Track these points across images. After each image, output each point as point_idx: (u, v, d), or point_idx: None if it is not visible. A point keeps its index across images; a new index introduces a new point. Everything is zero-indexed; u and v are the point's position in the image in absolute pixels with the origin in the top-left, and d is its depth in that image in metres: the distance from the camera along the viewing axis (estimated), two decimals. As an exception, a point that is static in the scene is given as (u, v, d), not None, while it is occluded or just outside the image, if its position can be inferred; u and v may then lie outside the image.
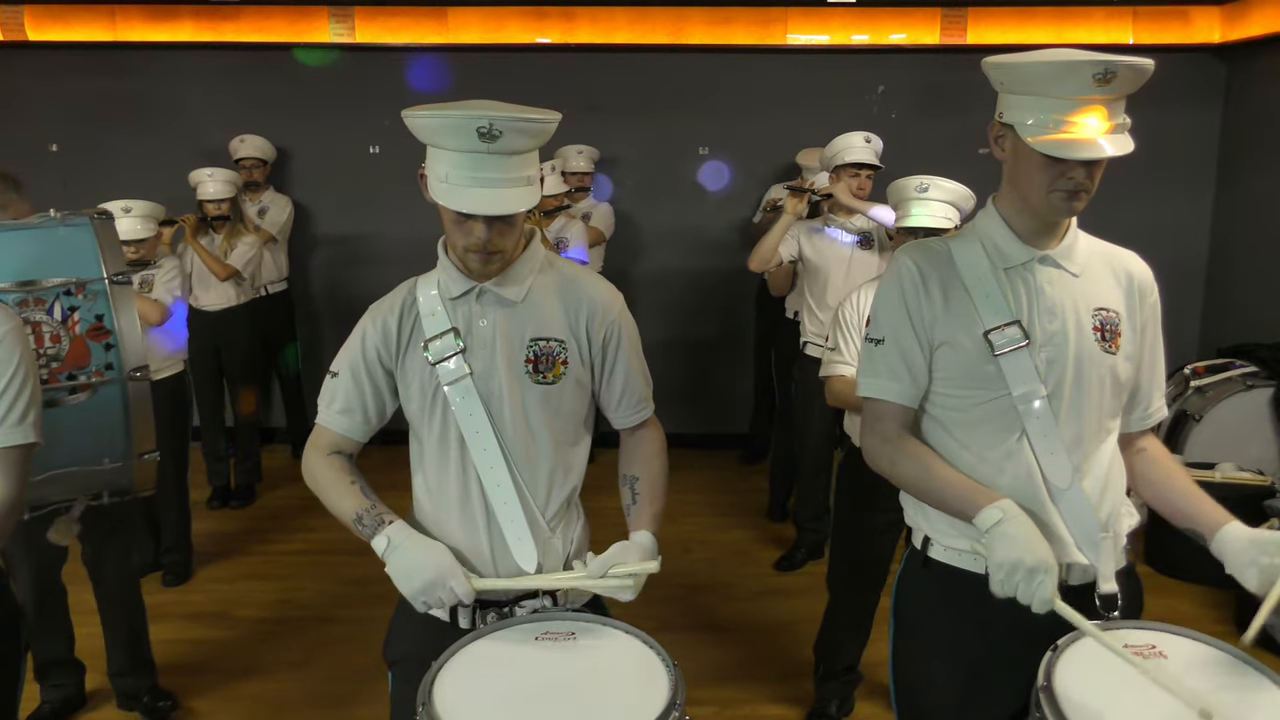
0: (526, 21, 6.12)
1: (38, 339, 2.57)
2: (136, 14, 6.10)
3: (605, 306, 1.96)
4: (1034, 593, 1.63)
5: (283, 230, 5.98)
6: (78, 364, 2.62)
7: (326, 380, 1.99)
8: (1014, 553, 1.65)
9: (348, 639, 3.97)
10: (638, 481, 2.02)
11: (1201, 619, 4.05)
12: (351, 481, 1.93)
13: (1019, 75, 1.74)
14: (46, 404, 2.53)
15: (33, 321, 2.58)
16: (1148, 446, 2.01)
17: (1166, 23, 5.99)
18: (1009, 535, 1.68)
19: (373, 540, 1.84)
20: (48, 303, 2.61)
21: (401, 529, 1.84)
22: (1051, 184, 1.74)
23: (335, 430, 1.98)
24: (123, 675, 3.44)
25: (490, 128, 1.68)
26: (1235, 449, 4.72)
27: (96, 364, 2.64)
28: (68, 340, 2.61)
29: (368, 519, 1.86)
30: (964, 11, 5.99)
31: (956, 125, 5.30)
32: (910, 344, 1.87)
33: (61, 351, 2.60)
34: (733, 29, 6.12)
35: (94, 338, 2.64)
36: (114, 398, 2.69)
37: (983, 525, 1.71)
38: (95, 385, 2.64)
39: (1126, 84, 1.69)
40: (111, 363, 2.65)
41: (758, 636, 4.10)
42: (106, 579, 3.36)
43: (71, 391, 2.62)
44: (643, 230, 6.45)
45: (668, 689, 1.59)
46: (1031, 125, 1.72)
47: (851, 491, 3.31)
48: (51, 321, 2.60)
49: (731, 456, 6.27)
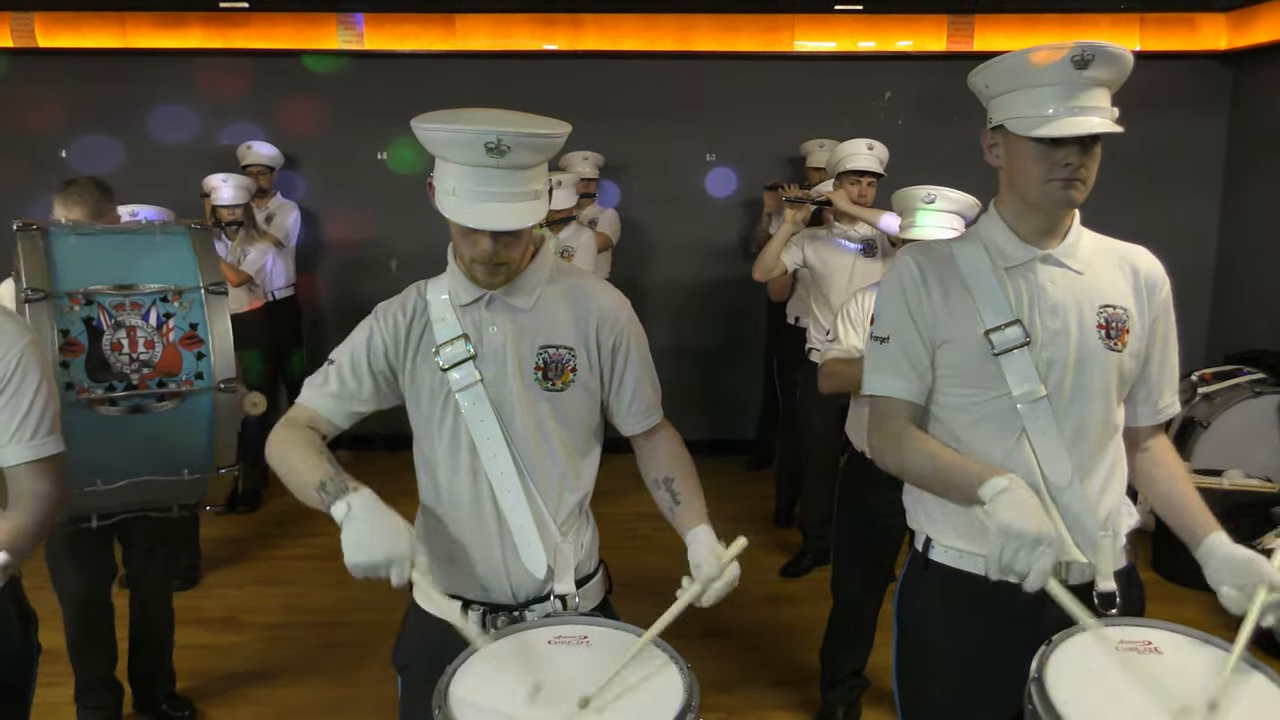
0: (534, 28, 6.14)
1: (131, 343, 2.55)
2: (146, 21, 6.14)
3: (614, 314, 1.96)
4: (1033, 563, 1.59)
5: (289, 235, 6.00)
6: (169, 371, 2.59)
7: (322, 367, 1.96)
8: (1019, 520, 1.60)
9: (356, 644, 3.97)
10: (674, 481, 1.99)
11: (1207, 626, 4.00)
12: (320, 452, 1.83)
13: (1001, 73, 1.77)
14: (134, 410, 2.55)
15: (127, 325, 2.56)
16: (1154, 445, 2.00)
17: (1173, 29, 5.99)
18: (1015, 501, 1.64)
19: (332, 506, 1.71)
20: (144, 307, 2.59)
21: (367, 498, 1.71)
22: (1047, 174, 1.76)
23: (316, 409, 1.93)
24: (143, 681, 3.43)
25: (499, 142, 1.67)
26: (1243, 456, 4.72)
27: (187, 373, 2.62)
28: (161, 347, 2.59)
29: (332, 486, 1.73)
30: (970, 18, 6.00)
31: (963, 132, 5.27)
32: (913, 341, 1.87)
33: (154, 358, 2.58)
34: (740, 35, 6.13)
35: (187, 346, 2.62)
36: (202, 408, 2.65)
37: (988, 493, 1.67)
38: (184, 394, 2.61)
39: (1105, 69, 1.70)
40: (202, 372, 2.63)
41: (764, 642, 4.10)
42: (145, 590, 3.34)
43: (160, 399, 2.59)
44: (649, 237, 6.46)
45: (683, 691, 1.59)
46: (1020, 119, 1.74)
47: (854, 496, 3.31)
48: (146, 327, 2.58)
49: (738, 462, 6.29)
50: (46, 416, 1.93)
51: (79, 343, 2.50)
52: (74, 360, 2.50)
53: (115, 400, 2.53)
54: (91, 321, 2.52)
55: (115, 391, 2.52)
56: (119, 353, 2.53)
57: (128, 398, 2.54)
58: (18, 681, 2.03)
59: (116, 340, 2.53)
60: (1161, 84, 5.88)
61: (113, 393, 2.52)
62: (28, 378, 1.91)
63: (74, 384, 2.49)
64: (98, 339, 2.52)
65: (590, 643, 1.76)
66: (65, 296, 2.51)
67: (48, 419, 1.93)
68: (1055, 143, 1.73)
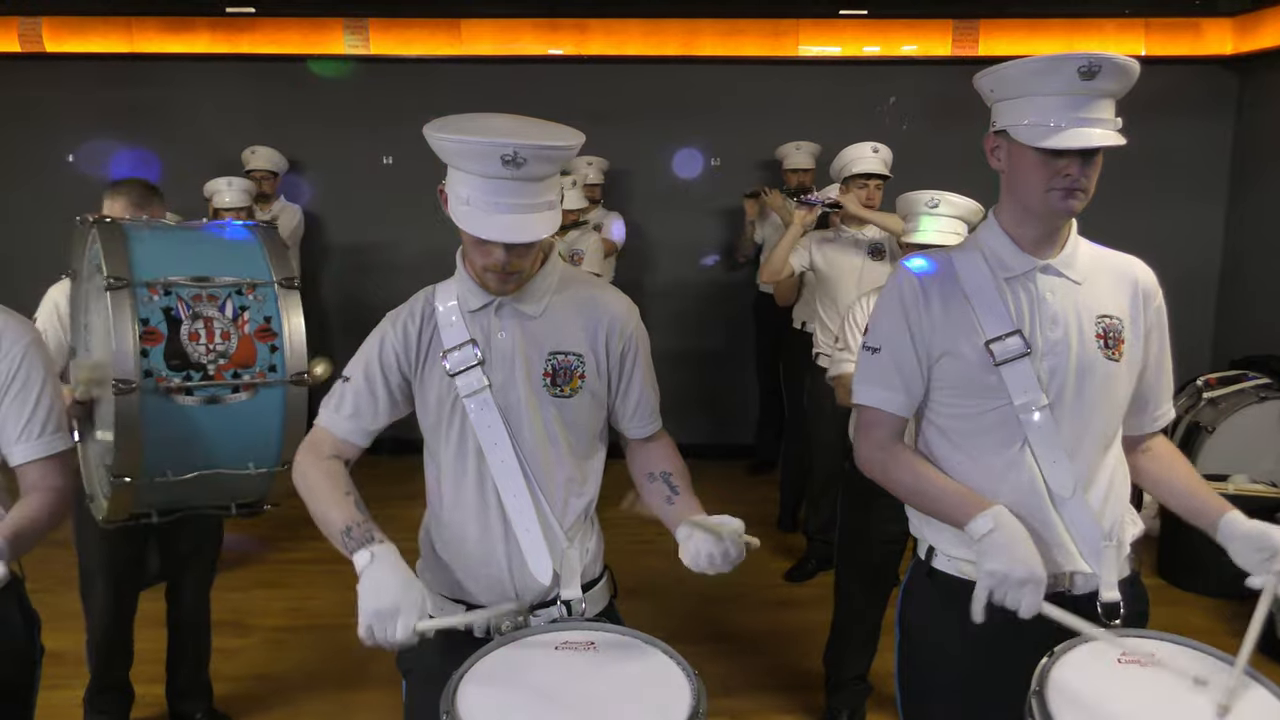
0: (540, 33, 6.15)
1: (209, 334, 2.55)
2: (153, 26, 6.16)
3: (623, 320, 1.96)
4: (1021, 599, 1.66)
5: (292, 237, 6.00)
6: (244, 363, 2.59)
7: (336, 385, 1.97)
8: (1003, 563, 1.67)
9: (359, 647, 3.95)
10: (671, 475, 1.99)
11: (1214, 631, 4.03)
12: (346, 493, 1.85)
13: (1008, 79, 1.77)
14: (209, 400, 2.56)
15: (205, 316, 2.56)
16: (1153, 444, 2.02)
17: (1178, 35, 5.99)
18: (999, 545, 1.70)
19: (355, 554, 1.73)
20: (220, 299, 2.59)
21: (389, 551, 1.73)
22: (1048, 182, 1.76)
23: (339, 435, 1.94)
24: (184, 697, 3.43)
25: (515, 155, 1.66)
26: (1248, 461, 4.71)
27: (261, 364, 2.61)
28: (236, 338, 2.58)
29: (357, 532, 1.76)
30: (976, 23, 6.00)
31: (967, 137, 5.27)
32: (906, 355, 1.88)
33: (230, 349, 2.57)
34: (744, 40, 6.14)
35: (261, 338, 2.61)
36: (275, 401, 2.65)
37: (974, 534, 1.74)
38: (257, 385, 2.61)
39: (1112, 80, 1.71)
40: (275, 365, 2.62)
41: (769, 647, 4.10)
42: (186, 598, 3.33)
43: (235, 390, 2.59)
44: (653, 241, 6.46)
45: (690, 698, 1.59)
46: (1024, 126, 1.75)
47: (857, 501, 3.31)
48: (223, 318, 2.58)
49: (739, 467, 6.28)
50: (53, 414, 1.94)
51: (159, 331, 2.51)
52: (153, 349, 2.50)
53: (191, 390, 2.53)
54: (170, 311, 2.53)
55: (192, 381, 2.53)
56: (196, 343, 2.54)
57: (204, 387, 2.55)
58: (22, 684, 2.03)
59: (194, 330, 2.54)
60: (1167, 89, 5.87)
61: (189, 382, 2.53)
62: (33, 375, 1.92)
63: (152, 372, 2.49)
64: (176, 329, 2.53)
65: (597, 648, 1.76)
66: (144, 286, 2.52)
67: (54, 416, 1.94)
68: (1057, 152, 1.73)
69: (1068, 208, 1.78)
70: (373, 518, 1.81)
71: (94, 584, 3.15)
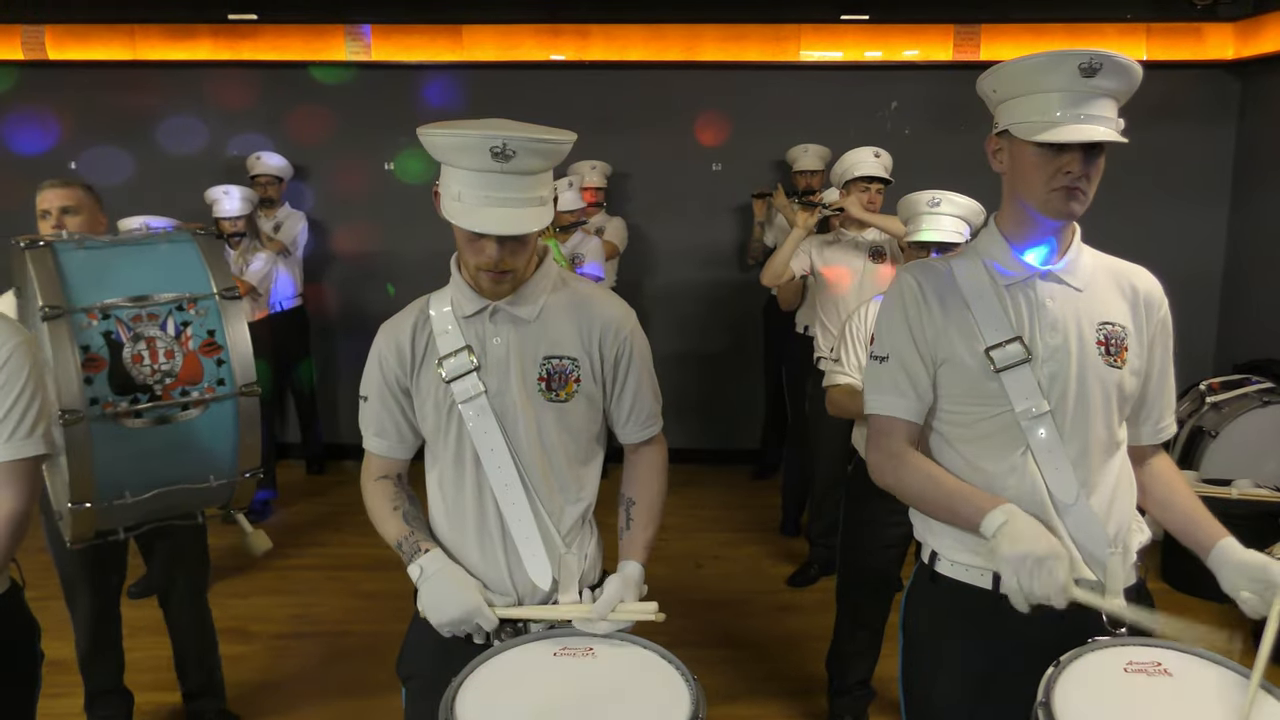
0: (541, 39, 6.16)
1: (152, 355, 2.53)
2: (156, 33, 6.17)
3: (618, 325, 1.96)
4: (1049, 582, 1.61)
5: (295, 242, 6.00)
6: (191, 380, 2.58)
7: (360, 405, 2.03)
8: (1021, 546, 1.65)
9: (362, 654, 3.97)
10: (634, 506, 2.03)
11: (1218, 637, 4.02)
12: (395, 508, 1.97)
13: (1009, 77, 1.77)
14: (160, 421, 2.54)
15: (147, 337, 2.54)
16: (1154, 462, 2.01)
17: (1180, 39, 5.98)
18: (1014, 532, 1.68)
19: (409, 568, 1.89)
20: (160, 318, 2.58)
21: (435, 559, 1.89)
22: (1049, 180, 1.75)
23: (378, 454, 2.03)
24: (195, 697, 3.43)
25: (504, 147, 1.68)
26: (1251, 465, 4.69)
27: (209, 379, 2.61)
28: (181, 356, 2.57)
29: (406, 545, 1.91)
30: (977, 28, 6.01)
31: (969, 141, 5.28)
32: (913, 360, 1.87)
33: (175, 367, 2.57)
34: (746, 46, 6.15)
35: (206, 353, 2.61)
36: (227, 414, 2.65)
37: (988, 530, 1.72)
38: (208, 401, 2.61)
39: (1113, 78, 1.70)
40: (224, 378, 2.62)
41: (771, 652, 4.09)
42: (177, 600, 3.33)
43: (184, 408, 2.59)
44: (655, 245, 6.47)
45: (689, 704, 1.59)
46: (1025, 124, 1.75)
47: (860, 505, 3.30)
48: (165, 337, 2.57)
49: (743, 472, 6.26)
50: (30, 417, 1.88)
51: (100, 358, 2.49)
52: (97, 376, 2.48)
53: (140, 412, 2.52)
54: (110, 335, 2.51)
55: (140, 404, 2.51)
56: (140, 365, 2.52)
57: (152, 409, 2.53)
58: (23, 691, 2.03)
59: (137, 352, 2.52)
60: (1169, 94, 5.87)
61: (137, 404, 2.51)
62: (14, 377, 1.87)
63: (98, 399, 2.47)
64: (118, 352, 2.50)
65: (596, 655, 1.76)
66: (82, 312, 2.50)
67: (30, 420, 1.88)
68: (1058, 150, 1.72)
69: (1069, 209, 1.77)
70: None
71: (76, 591, 3.15)
